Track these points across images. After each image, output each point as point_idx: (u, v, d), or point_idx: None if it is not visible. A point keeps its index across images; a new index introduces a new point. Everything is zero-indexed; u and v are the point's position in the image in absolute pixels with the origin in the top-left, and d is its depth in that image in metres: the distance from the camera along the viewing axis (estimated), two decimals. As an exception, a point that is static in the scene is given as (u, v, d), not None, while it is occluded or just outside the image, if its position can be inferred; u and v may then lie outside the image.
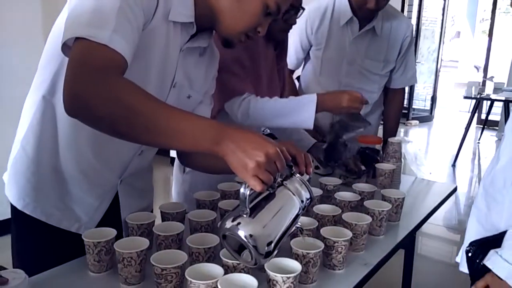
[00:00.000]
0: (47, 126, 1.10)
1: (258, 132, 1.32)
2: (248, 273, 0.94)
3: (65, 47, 0.89)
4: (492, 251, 1.07)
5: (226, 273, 0.92)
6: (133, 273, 1.00)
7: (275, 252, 0.89)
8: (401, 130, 7.50)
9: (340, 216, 1.23)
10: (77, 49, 0.85)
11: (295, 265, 0.95)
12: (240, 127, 0.91)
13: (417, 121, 8.27)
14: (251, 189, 0.85)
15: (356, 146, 1.91)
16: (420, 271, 2.70)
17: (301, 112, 1.46)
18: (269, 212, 0.88)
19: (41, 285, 1.01)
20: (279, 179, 0.90)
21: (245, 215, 0.87)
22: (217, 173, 1.21)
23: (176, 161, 1.72)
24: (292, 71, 2.19)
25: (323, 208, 1.27)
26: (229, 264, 0.95)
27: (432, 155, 6.34)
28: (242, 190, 0.86)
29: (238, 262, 0.95)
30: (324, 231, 1.11)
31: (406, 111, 7.96)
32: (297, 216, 0.92)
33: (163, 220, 1.25)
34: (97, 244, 1.04)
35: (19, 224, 1.19)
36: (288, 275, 0.90)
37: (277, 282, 0.90)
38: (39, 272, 1.05)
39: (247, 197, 0.86)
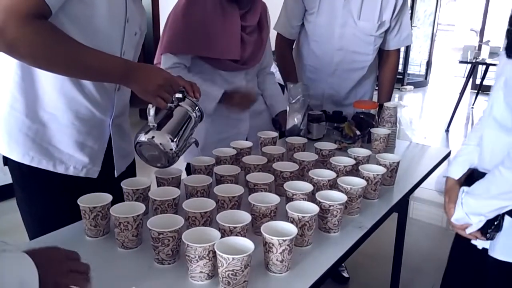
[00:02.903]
0: (31, 79, 1.13)
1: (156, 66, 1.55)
2: (244, 236, 0.95)
3: None
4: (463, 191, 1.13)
5: (222, 236, 0.93)
6: (130, 238, 1.01)
7: (177, 157, 1.19)
8: (396, 96, 7.48)
9: (335, 181, 1.24)
10: None
11: (291, 228, 0.96)
12: (143, 64, 1.18)
13: (411, 86, 8.24)
14: (156, 108, 1.13)
15: (351, 111, 1.90)
16: (412, 234, 2.76)
17: (205, 101, 1.54)
18: (172, 126, 1.16)
19: (39, 250, 1.01)
20: (176, 102, 1.18)
21: (153, 129, 1.14)
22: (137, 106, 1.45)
23: None
24: (292, 41, 2.13)
25: (319, 173, 1.27)
26: (226, 228, 0.96)
27: (426, 120, 6.36)
28: (148, 111, 1.12)
29: (234, 226, 0.96)
30: (319, 195, 1.12)
31: (401, 76, 7.92)
32: (192, 126, 1.22)
33: (158, 185, 1.25)
34: (93, 209, 1.04)
35: (28, 183, 1.21)
36: (284, 238, 0.91)
37: (273, 245, 0.91)
38: (58, 227, 1.10)
39: (154, 115, 1.13)
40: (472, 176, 1.15)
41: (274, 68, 2.11)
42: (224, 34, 1.66)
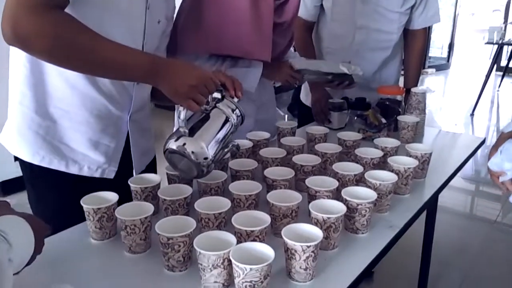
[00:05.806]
0: (40, 72, 1.05)
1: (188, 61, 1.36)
2: (263, 240, 0.86)
3: None
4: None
5: (238, 241, 0.83)
6: (137, 241, 0.92)
7: (213, 165, 1.03)
8: (417, 79, 7.26)
9: (362, 175, 1.12)
10: None
11: (316, 232, 0.85)
12: (172, 58, 1.04)
13: (433, 69, 8.00)
14: (188, 111, 0.99)
15: (375, 96, 1.78)
16: (441, 226, 2.62)
17: (247, 79, 1.44)
18: (206, 131, 1.01)
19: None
20: (212, 103, 1.03)
21: (184, 135, 0.99)
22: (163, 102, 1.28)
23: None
24: (312, 24, 1.99)
25: (343, 167, 1.16)
26: (242, 231, 0.86)
27: (450, 104, 6.14)
28: (178, 113, 0.99)
29: (252, 229, 0.86)
30: (345, 192, 1.01)
31: (422, 59, 7.69)
32: (230, 132, 1.05)
33: (169, 182, 1.16)
34: (97, 211, 0.95)
35: (38, 182, 1.14)
36: (308, 244, 0.80)
37: (296, 251, 0.81)
38: (66, 227, 1.03)
39: (185, 119, 0.99)
40: None
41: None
42: (253, 32, 1.39)
